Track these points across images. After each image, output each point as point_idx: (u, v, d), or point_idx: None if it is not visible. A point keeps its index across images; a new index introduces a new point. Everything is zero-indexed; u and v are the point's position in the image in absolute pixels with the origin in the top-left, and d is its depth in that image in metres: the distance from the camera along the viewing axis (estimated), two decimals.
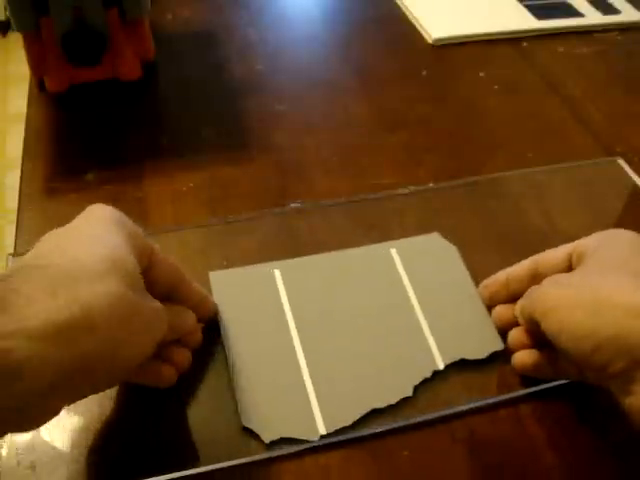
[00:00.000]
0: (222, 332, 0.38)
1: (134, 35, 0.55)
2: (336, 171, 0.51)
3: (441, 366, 0.37)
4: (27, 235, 0.44)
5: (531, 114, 0.58)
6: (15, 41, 1.95)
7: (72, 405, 0.34)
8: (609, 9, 0.73)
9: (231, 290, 0.40)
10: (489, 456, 0.34)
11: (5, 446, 0.33)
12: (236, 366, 0.36)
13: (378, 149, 0.53)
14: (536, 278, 0.37)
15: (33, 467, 0.33)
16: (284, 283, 0.40)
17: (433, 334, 0.39)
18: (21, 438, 0.34)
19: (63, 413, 0.34)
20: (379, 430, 0.35)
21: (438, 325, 0.39)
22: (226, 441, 0.34)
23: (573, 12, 0.72)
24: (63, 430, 0.34)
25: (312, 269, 0.42)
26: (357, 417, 0.35)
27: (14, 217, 0.45)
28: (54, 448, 0.33)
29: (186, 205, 0.47)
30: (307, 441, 0.34)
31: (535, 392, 0.37)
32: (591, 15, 0.72)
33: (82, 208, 0.33)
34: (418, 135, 0.55)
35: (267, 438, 0.34)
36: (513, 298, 0.39)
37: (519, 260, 0.40)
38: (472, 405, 0.36)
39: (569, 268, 0.37)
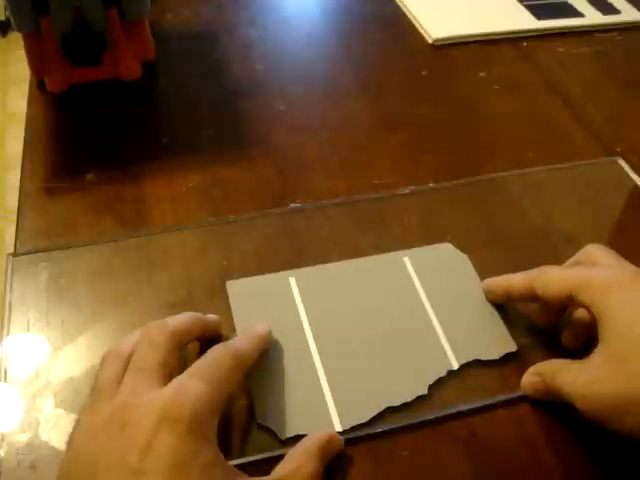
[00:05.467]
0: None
1: (134, 35, 0.55)
2: (336, 171, 0.51)
3: (455, 366, 0.38)
4: (27, 235, 0.44)
5: (531, 114, 0.58)
6: (15, 41, 1.95)
7: (72, 405, 0.35)
8: (609, 9, 0.73)
9: (248, 297, 0.41)
10: (489, 457, 0.35)
11: (5, 446, 0.33)
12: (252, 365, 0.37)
13: (378, 149, 0.53)
14: (533, 297, 0.37)
15: (33, 467, 0.33)
16: (299, 290, 0.41)
17: (447, 336, 0.39)
18: (21, 438, 0.34)
19: (63, 413, 0.35)
20: (379, 430, 0.35)
21: (451, 328, 0.40)
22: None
23: (573, 12, 0.72)
24: (63, 430, 0.34)
25: (327, 276, 0.42)
26: (373, 414, 0.35)
27: (14, 217, 0.45)
28: (54, 448, 0.33)
29: (186, 205, 0.47)
30: None
31: None
32: (591, 15, 0.71)
33: (82, 208, 0.33)
34: (418, 135, 0.55)
35: (283, 435, 0.34)
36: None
37: (519, 260, 0.40)
38: (471, 405, 0.36)
39: (568, 302, 0.35)
